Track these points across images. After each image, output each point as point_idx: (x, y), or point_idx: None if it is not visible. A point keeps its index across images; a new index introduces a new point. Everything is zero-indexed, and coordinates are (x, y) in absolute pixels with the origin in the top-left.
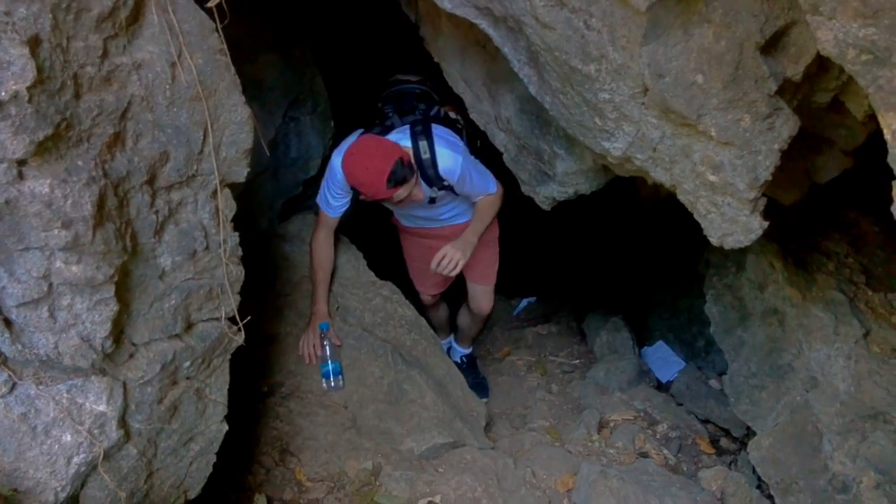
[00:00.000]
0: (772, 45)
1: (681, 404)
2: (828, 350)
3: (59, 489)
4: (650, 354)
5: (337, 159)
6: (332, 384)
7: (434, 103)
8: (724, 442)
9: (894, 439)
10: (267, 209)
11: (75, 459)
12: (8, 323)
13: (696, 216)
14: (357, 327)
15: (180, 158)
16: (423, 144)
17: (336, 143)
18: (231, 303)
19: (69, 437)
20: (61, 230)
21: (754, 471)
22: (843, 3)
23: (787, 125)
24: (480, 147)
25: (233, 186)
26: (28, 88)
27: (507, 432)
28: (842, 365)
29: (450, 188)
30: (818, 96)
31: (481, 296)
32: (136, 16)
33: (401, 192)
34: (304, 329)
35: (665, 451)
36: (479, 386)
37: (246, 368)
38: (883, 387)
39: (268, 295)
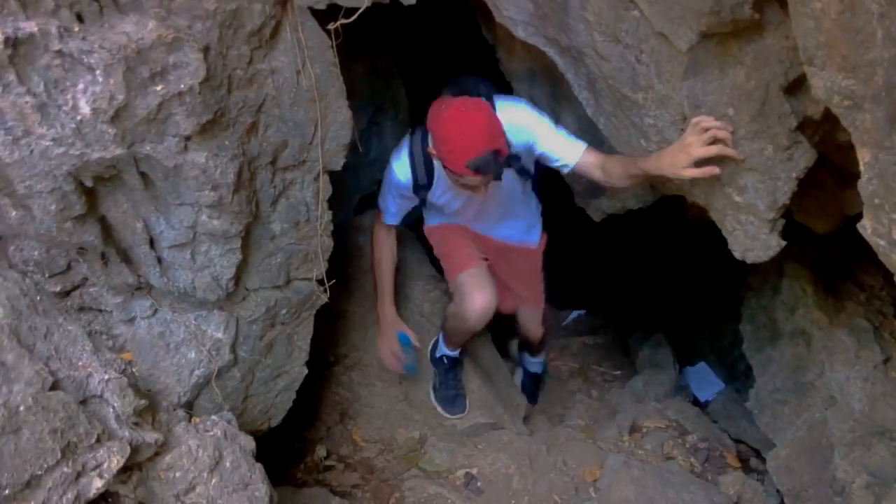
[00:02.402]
0: (795, 87)
1: (715, 422)
2: (848, 372)
3: (181, 394)
4: (691, 374)
5: (397, 164)
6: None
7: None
8: (753, 462)
9: (894, 452)
10: (346, 202)
11: (196, 372)
12: (160, 260)
13: (723, 232)
14: (416, 314)
15: (295, 147)
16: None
17: None
18: (321, 267)
19: (193, 355)
20: (210, 191)
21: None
22: (831, 58)
23: (804, 157)
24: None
25: (331, 173)
26: (199, 84)
27: (544, 426)
28: (859, 386)
29: (517, 159)
30: (839, 135)
31: (529, 321)
32: (275, 33)
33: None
34: (369, 309)
35: (692, 459)
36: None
37: (318, 339)
38: (895, 408)
39: (341, 278)
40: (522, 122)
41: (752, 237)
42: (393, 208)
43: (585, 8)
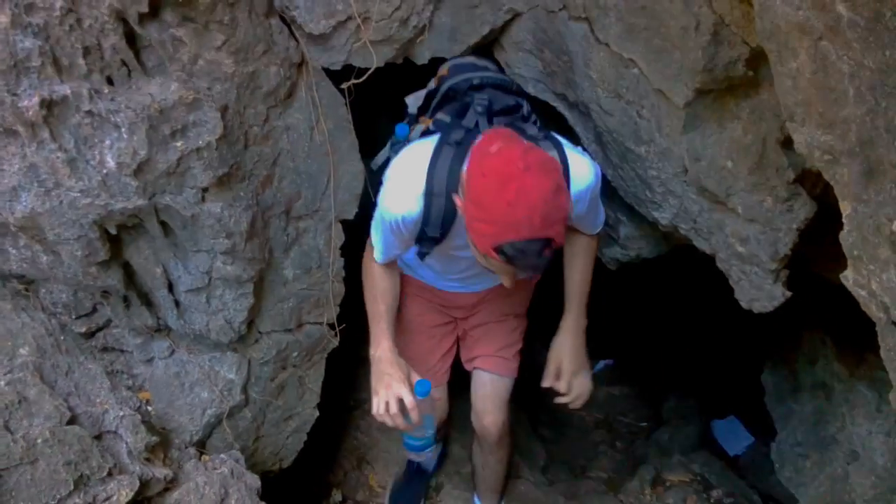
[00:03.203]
0: (791, 141)
1: (743, 477)
2: (869, 426)
3: (194, 432)
4: (720, 427)
5: (399, 188)
6: (420, 455)
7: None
8: None
9: None
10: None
11: (208, 412)
12: (177, 304)
13: (730, 282)
14: None
15: (309, 197)
16: (546, 146)
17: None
18: (332, 312)
19: (206, 394)
20: (225, 239)
21: None
22: (809, 115)
23: (804, 209)
24: None
25: (343, 222)
26: (217, 140)
27: (564, 477)
28: (881, 441)
29: None
30: None
31: (489, 393)
32: (290, 92)
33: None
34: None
35: None
36: None
37: (337, 384)
38: None
39: (360, 324)
40: (587, 184)
41: (758, 287)
42: (389, 249)
43: (589, 66)
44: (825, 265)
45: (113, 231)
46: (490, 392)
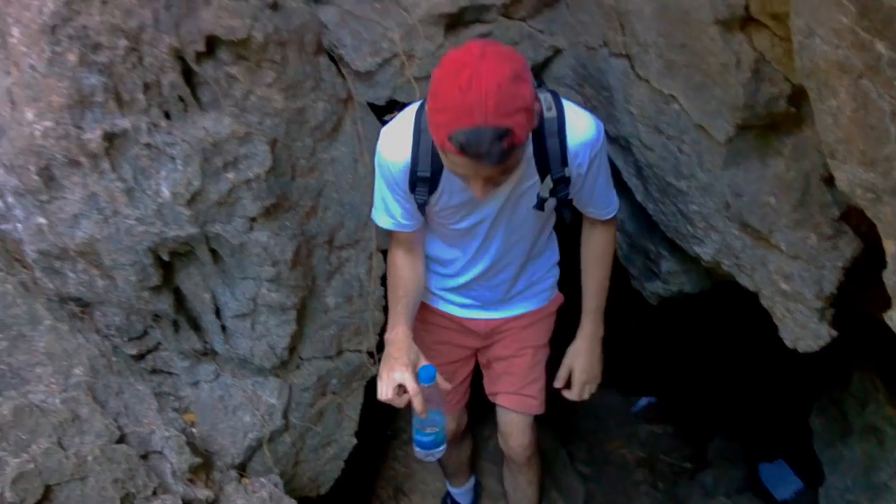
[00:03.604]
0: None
1: None
2: None
3: (235, 455)
4: (767, 471)
5: (388, 135)
6: (431, 454)
7: None
8: None
9: None
10: None
11: (250, 435)
12: (223, 328)
13: (774, 319)
14: None
15: (351, 227)
16: (544, 97)
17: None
18: (372, 340)
19: (248, 418)
20: (270, 267)
21: None
22: (850, 152)
23: (850, 246)
24: None
25: (384, 252)
26: (266, 172)
27: None
28: None
29: (566, 184)
30: None
31: (513, 424)
32: (336, 126)
33: (513, 162)
34: None
35: None
36: None
37: (377, 413)
38: None
39: None
40: (586, 138)
41: (802, 326)
42: (397, 208)
43: (629, 102)
44: (874, 304)
45: (165, 257)
46: (514, 422)
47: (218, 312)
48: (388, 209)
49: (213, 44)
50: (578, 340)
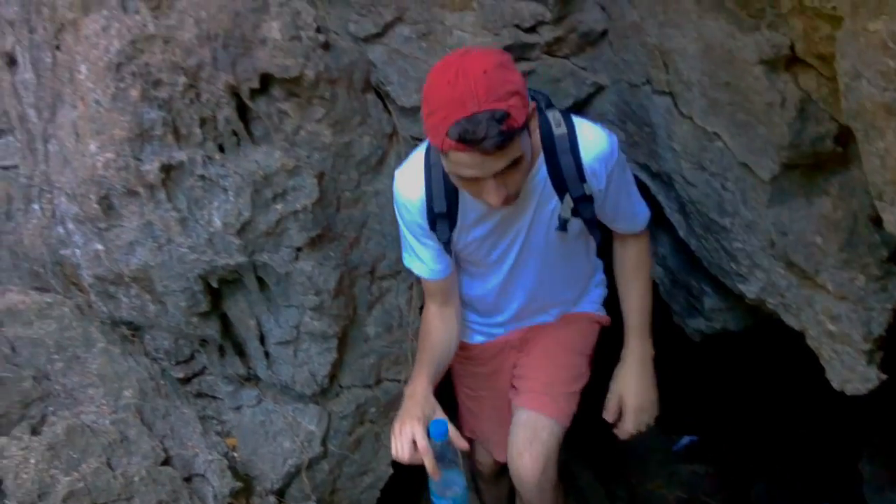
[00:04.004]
0: None
1: None
2: None
3: (274, 480)
4: None
5: (400, 175)
6: None
7: None
8: None
9: None
10: None
11: (289, 461)
12: (267, 355)
13: (821, 361)
14: None
15: (392, 258)
16: (553, 115)
17: None
18: (410, 370)
19: (288, 444)
20: (314, 296)
21: None
22: None
23: None
24: None
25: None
26: (312, 204)
27: None
28: None
29: (588, 203)
30: None
31: (528, 432)
32: (381, 160)
33: (516, 149)
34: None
35: None
36: None
37: None
38: None
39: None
40: (599, 152)
41: (850, 368)
42: (424, 251)
43: (672, 138)
44: None
45: (214, 284)
46: (529, 430)
47: (262, 339)
48: (417, 253)
49: (266, 81)
50: (626, 363)
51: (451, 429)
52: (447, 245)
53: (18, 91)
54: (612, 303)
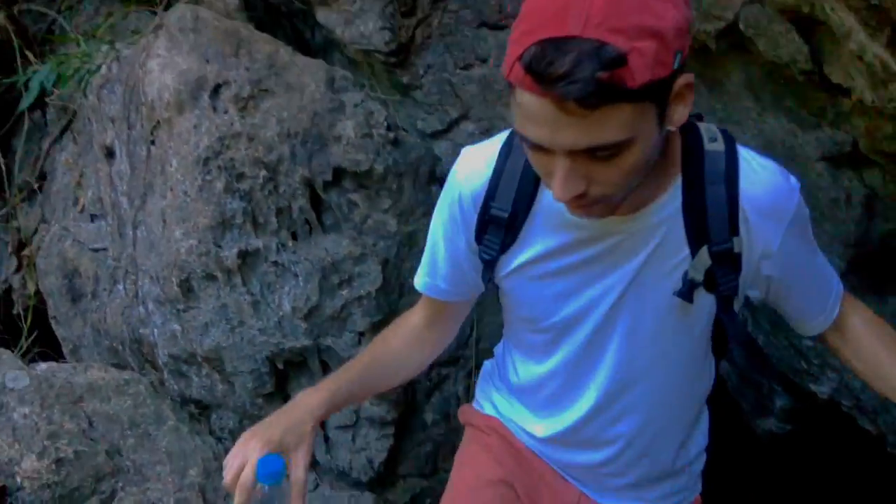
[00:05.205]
0: None
1: None
2: None
3: None
4: None
5: (467, 154)
6: None
7: None
8: None
9: None
10: None
11: None
12: (326, 439)
13: None
14: None
15: (452, 345)
16: (708, 127)
17: None
18: None
19: None
20: None
21: None
22: None
23: None
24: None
25: (478, 367)
26: (376, 290)
27: None
28: None
29: (730, 268)
30: None
31: None
32: None
33: (619, 124)
34: None
35: None
36: None
37: None
38: None
39: None
40: (780, 188)
41: None
42: (444, 261)
43: None
44: None
45: (280, 366)
46: None
47: (323, 423)
48: (434, 259)
49: (339, 174)
50: None
51: (289, 474)
52: (488, 270)
53: (114, 180)
54: None
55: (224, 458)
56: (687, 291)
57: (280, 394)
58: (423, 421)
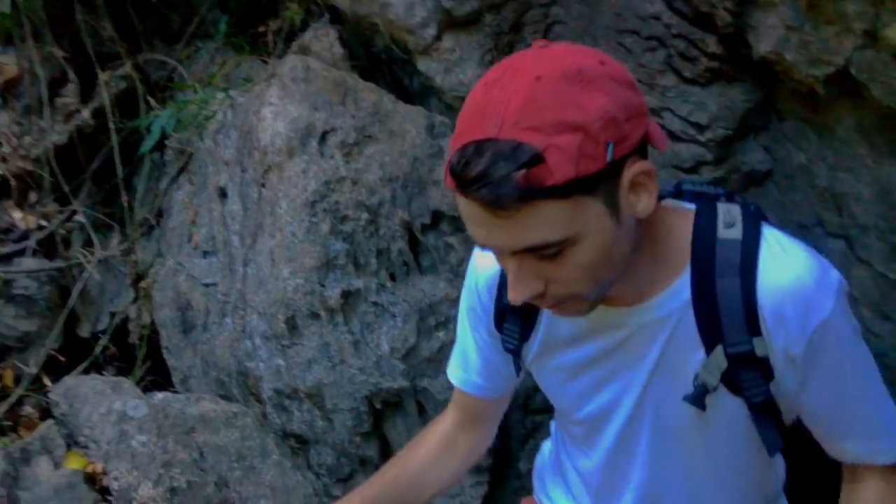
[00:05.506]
0: None
1: None
2: None
3: None
4: None
5: (480, 254)
6: None
7: None
8: None
9: None
10: None
11: None
12: None
13: None
14: None
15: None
16: (727, 209)
17: None
18: None
19: None
20: None
21: None
22: None
23: None
24: None
25: None
26: None
27: None
28: None
29: (757, 372)
30: None
31: None
32: None
33: (552, 223)
34: None
35: None
36: None
37: None
38: None
39: None
40: (805, 284)
41: None
42: (473, 352)
43: (849, 284)
44: None
45: (377, 406)
46: None
47: None
48: (465, 350)
49: (437, 217)
50: None
51: None
52: (516, 358)
53: (226, 220)
54: None
55: (322, 494)
56: (698, 397)
57: (376, 433)
58: (517, 470)
